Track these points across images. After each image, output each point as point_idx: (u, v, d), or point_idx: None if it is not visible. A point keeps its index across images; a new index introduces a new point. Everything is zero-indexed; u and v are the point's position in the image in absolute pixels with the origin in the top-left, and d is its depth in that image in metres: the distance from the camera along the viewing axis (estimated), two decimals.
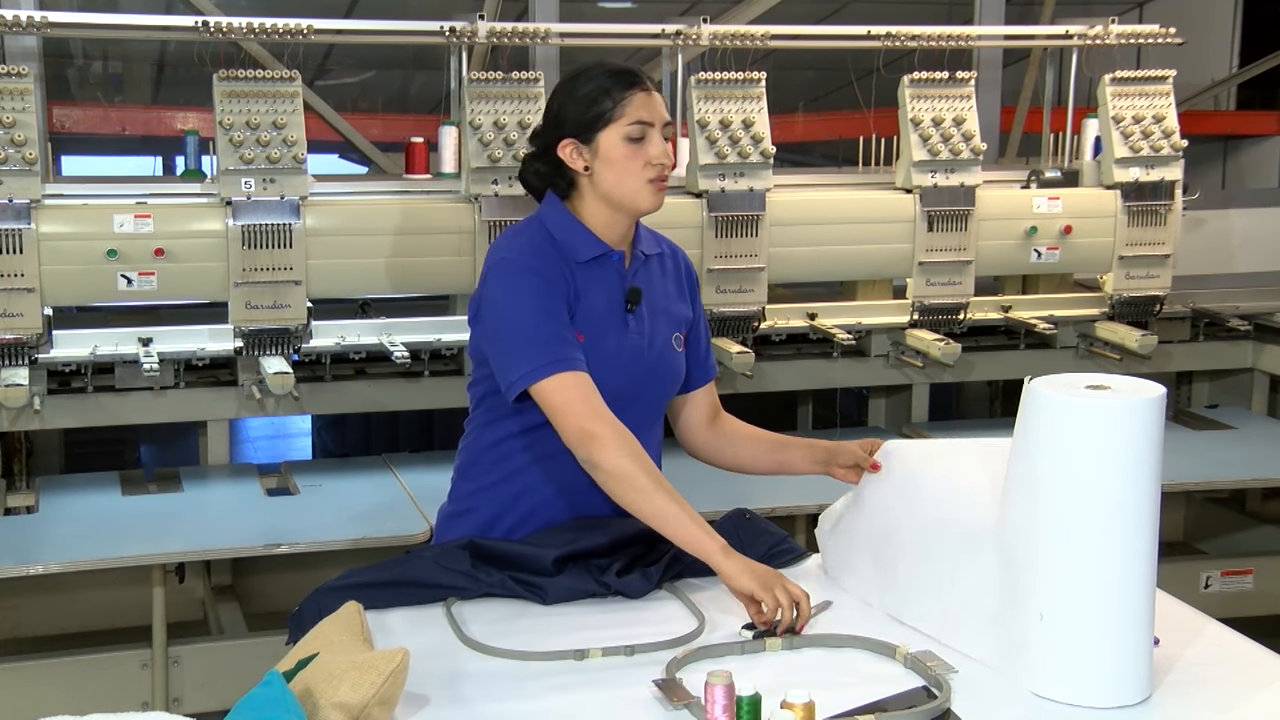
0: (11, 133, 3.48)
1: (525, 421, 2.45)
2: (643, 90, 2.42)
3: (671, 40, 4.18)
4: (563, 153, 2.44)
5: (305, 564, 3.76)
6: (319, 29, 3.90)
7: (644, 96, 2.42)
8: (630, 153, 2.41)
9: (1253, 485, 4.57)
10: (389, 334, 3.85)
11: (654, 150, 2.42)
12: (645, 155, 2.41)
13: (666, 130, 2.47)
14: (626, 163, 2.41)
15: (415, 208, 3.90)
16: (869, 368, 4.40)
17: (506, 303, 2.39)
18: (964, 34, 4.47)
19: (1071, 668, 1.94)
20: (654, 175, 2.42)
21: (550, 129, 2.47)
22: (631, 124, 2.40)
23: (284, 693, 1.72)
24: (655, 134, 2.43)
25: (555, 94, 2.49)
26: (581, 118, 2.42)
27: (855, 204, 4.25)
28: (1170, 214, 4.44)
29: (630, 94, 2.41)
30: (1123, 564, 1.92)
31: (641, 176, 2.42)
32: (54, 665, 3.49)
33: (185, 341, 3.76)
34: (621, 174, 2.42)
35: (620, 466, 2.28)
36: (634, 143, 2.41)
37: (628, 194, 2.43)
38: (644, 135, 2.41)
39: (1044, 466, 1.94)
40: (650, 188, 2.43)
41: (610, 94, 2.41)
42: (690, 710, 1.89)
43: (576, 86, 2.44)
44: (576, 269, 2.44)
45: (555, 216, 2.48)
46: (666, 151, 2.44)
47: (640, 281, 2.50)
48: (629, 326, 2.47)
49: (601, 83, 2.42)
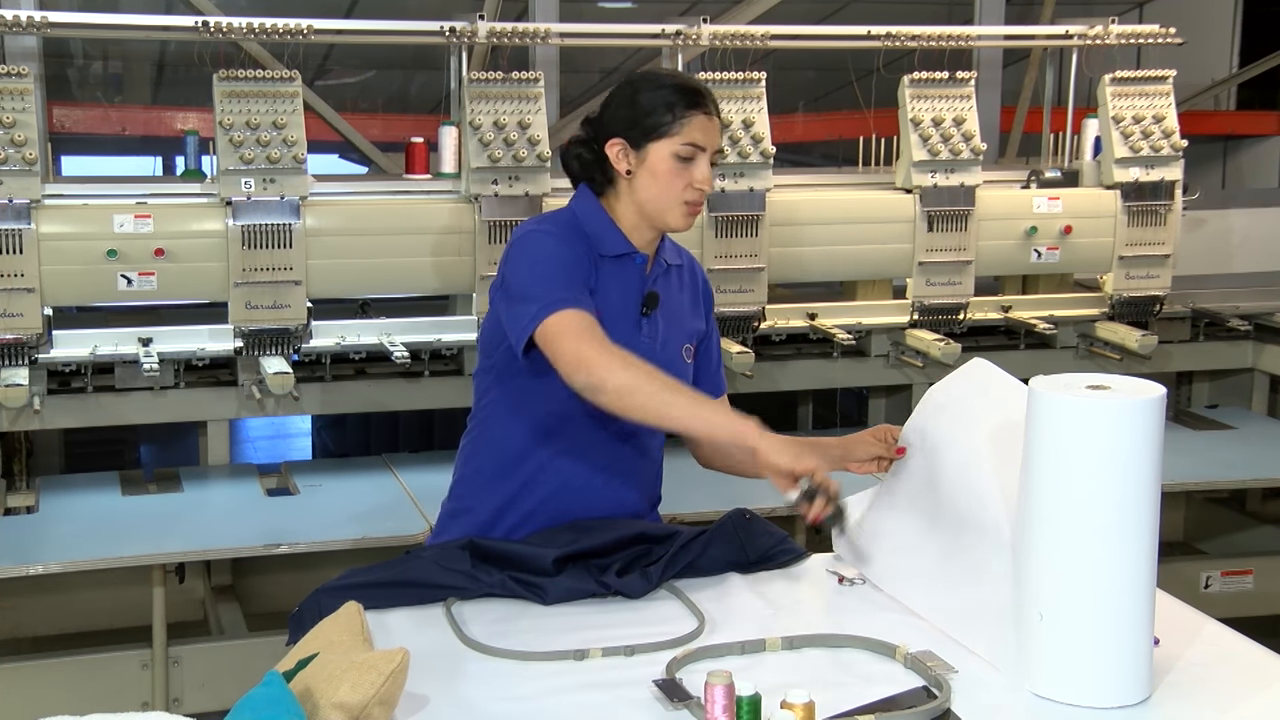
0: (11, 133, 3.48)
1: (530, 418, 2.45)
2: (705, 114, 2.42)
3: (671, 40, 4.18)
4: (610, 150, 2.45)
5: (305, 564, 3.76)
6: (319, 29, 3.90)
7: (704, 120, 2.42)
8: (676, 170, 2.41)
9: (1253, 485, 4.57)
10: (389, 334, 3.85)
11: (698, 174, 2.42)
12: (689, 177, 2.42)
13: (716, 157, 2.47)
14: (670, 179, 2.42)
15: (415, 208, 3.90)
16: (869, 368, 4.40)
17: (525, 263, 2.38)
18: (964, 34, 4.47)
19: (1072, 668, 1.94)
20: (692, 198, 2.43)
21: (604, 123, 2.47)
22: (685, 144, 2.41)
23: (284, 693, 1.72)
24: (704, 159, 2.43)
25: (619, 90, 2.49)
26: (638, 123, 2.42)
27: (855, 204, 4.25)
28: (1170, 214, 4.44)
29: (692, 115, 2.41)
30: (1123, 564, 1.92)
31: (680, 196, 2.43)
32: (54, 665, 3.49)
33: (185, 341, 3.76)
34: (662, 189, 2.42)
35: (622, 381, 2.22)
36: (682, 161, 2.41)
37: (661, 209, 2.44)
38: (693, 157, 2.42)
39: (1045, 466, 1.94)
40: (683, 209, 2.44)
41: (674, 109, 2.40)
42: (690, 710, 1.89)
43: (642, 90, 2.44)
44: (599, 262, 2.44)
45: (587, 209, 2.48)
46: (709, 179, 2.44)
47: (659, 288, 2.51)
48: (641, 330, 2.47)
49: (668, 95, 2.41)
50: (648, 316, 2.48)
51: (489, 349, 2.50)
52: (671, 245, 2.59)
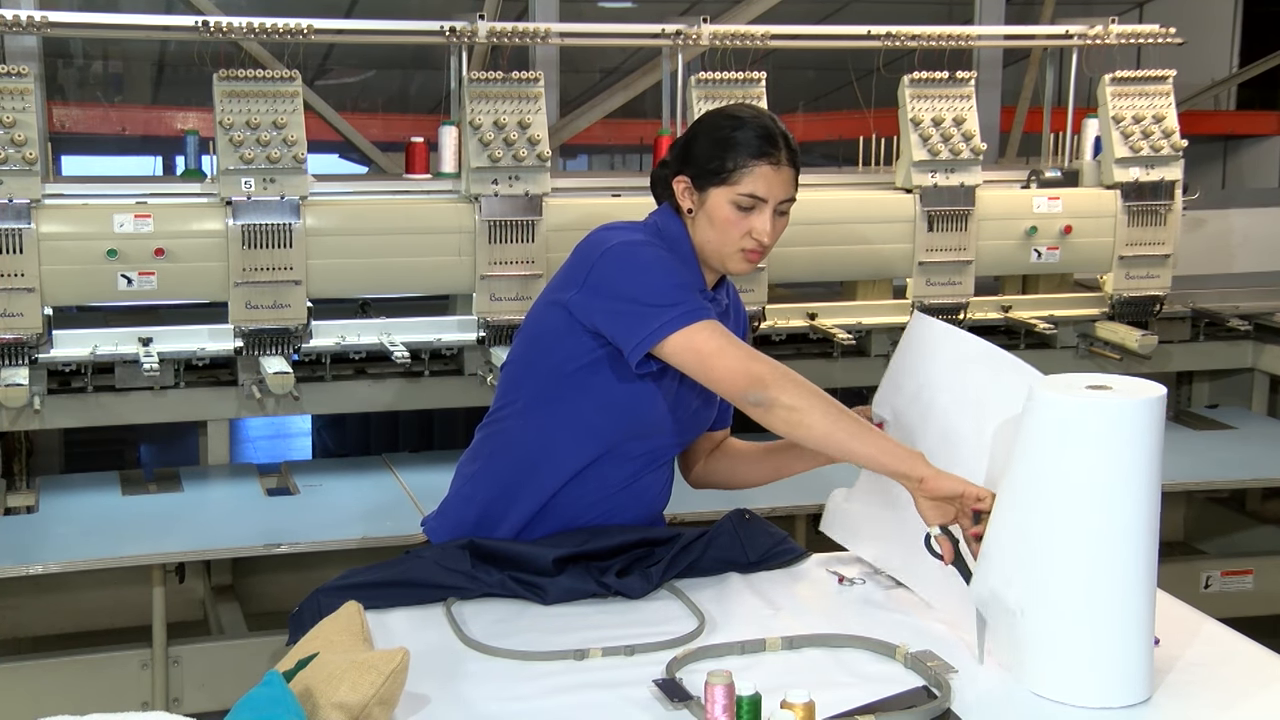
0: (11, 133, 3.48)
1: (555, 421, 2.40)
2: (771, 164, 2.34)
3: (671, 40, 4.18)
4: (676, 186, 2.41)
5: (305, 564, 3.76)
6: (319, 29, 3.89)
7: (769, 171, 2.34)
8: (734, 219, 2.35)
9: (1253, 485, 4.58)
10: (389, 334, 3.85)
11: (757, 224, 2.35)
12: (747, 226, 2.35)
13: (785, 206, 2.38)
14: (727, 226, 2.36)
15: (415, 208, 3.90)
16: (869, 368, 4.40)
17: (636, 269, 2.30)
18: (964, 34, 4.47)
19: (1072, 668, 1.94)
20: (750, 247, 2.37)
21: (678, 156, 2.42)
22: (743, 194, 2.34)
23: (284, 693, 1.72)
24: (767, 210, 2.35)
25: (699, 123, 2.43)
26: (702, 164, 2.37)
27: (855, 204, 4.25)
28: (1170, 214, 4.44)
29: (756, 165, 2.33)
30: (1124, 564, 1.92)
31: (737, 245, 2.37)
32: (54, 665, 3.49)
33: (185, 341, 3.76)
34: (719, 235, 2.37)
35: (794, 400, 2.17)
36: (741, 210, 2.35)
37: (718, 254, 2.39)
38: (753, 207, 2.35)
39: (1046, 466, 1.94)
40: (741, 255, 2.38)
41: (737, 155, 2.34)
42: (690, 710, 1.89)
43: (719, 128, 2.37)
44: None
45: (672, 233, 2.41)
46: (770, 231, 2.35)
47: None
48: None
49: (737, 137, 2.34)
50: None
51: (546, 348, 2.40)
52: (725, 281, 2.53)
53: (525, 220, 3.84)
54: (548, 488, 2.43)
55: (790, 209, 2.41)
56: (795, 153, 2.39)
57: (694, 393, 2.43)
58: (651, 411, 2.39)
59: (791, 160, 2.38)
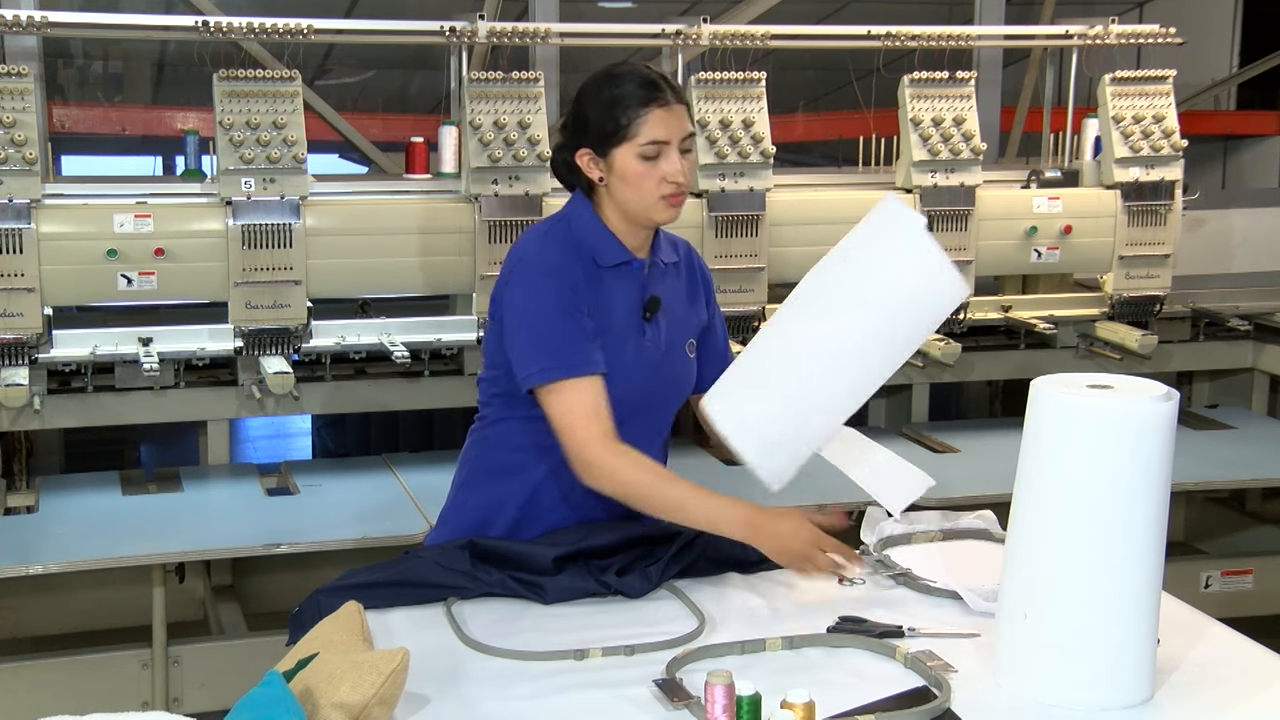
0: (11, 133, 3.48)
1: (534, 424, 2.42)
2: (661, 106, 2.36)
3: (671, 40, 4.18)
4: (580, 161, 2.42)
5: (305, 564, 3.76)
6: (319, 29, 3.89)
7: (661, 113, 2.36)
8: (644, 171, 2.37)
9: (1253, 485, 4.58)
10: (389, 334, 3.85)
11: (667, 168, 2.37)
12: (659, 173, 2.37)
13: (687, 143, 2.40)
14: (640, 180, 2.38)
15: (415, 208, 3.90)
16: None
17: (525, 302, 2.38)
18: (964, 34, 4.47)
19: (1074, 668, 1.94)
20: (668, 192, 2.38)
21: (571, 132, 2.44)
22: (646, 144, 2.36)
23: (284, 693, 1.72)
24: (672, 150, 2.37)
25: (581, 94, 2.45)
26: (598, 130, 2.38)
27: (855, 204, 4.22)
28: (1170, 214, 4.44)
29: (647, 111, 2.35)
30: (1132, 567, 1.91)
31: (655, 193, 2.38)
32: (54, 665, 3.49)
33: (185, 341, 3.76)
34: (635, 191, 2.39)
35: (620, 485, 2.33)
36: (648, 160, 2.37)
37: (641, 209, 2.41)
38: (659, 153, 2.37)
39: (1050, 468, 1.93)
40: (663, 203, 2.40)
41: (628, 110, 2.36)
42: (690, 710, 1.89)
43: (600, 91, 2.40)
44: (600, 274, 2.42)
45: (582, 218, 2.45)
46: (682, 169, 2.38)
47: (659, 290, 2.49)
48: (645, 335, 2.46)
49: (621, 94, 2.36)
50: (650, 321, 2.47)
51: (493, 361, 2.49)
52: (667, 241, 2.56)
53: (525, 220, 3.83)
54: (529, 483, 2.47)
55: (693, 145, 2.44)
56: (679, 90, 2.42)
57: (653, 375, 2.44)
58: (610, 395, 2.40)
59: (679, 97, 2.40)
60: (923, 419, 4.58)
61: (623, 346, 2.41)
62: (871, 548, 2.51)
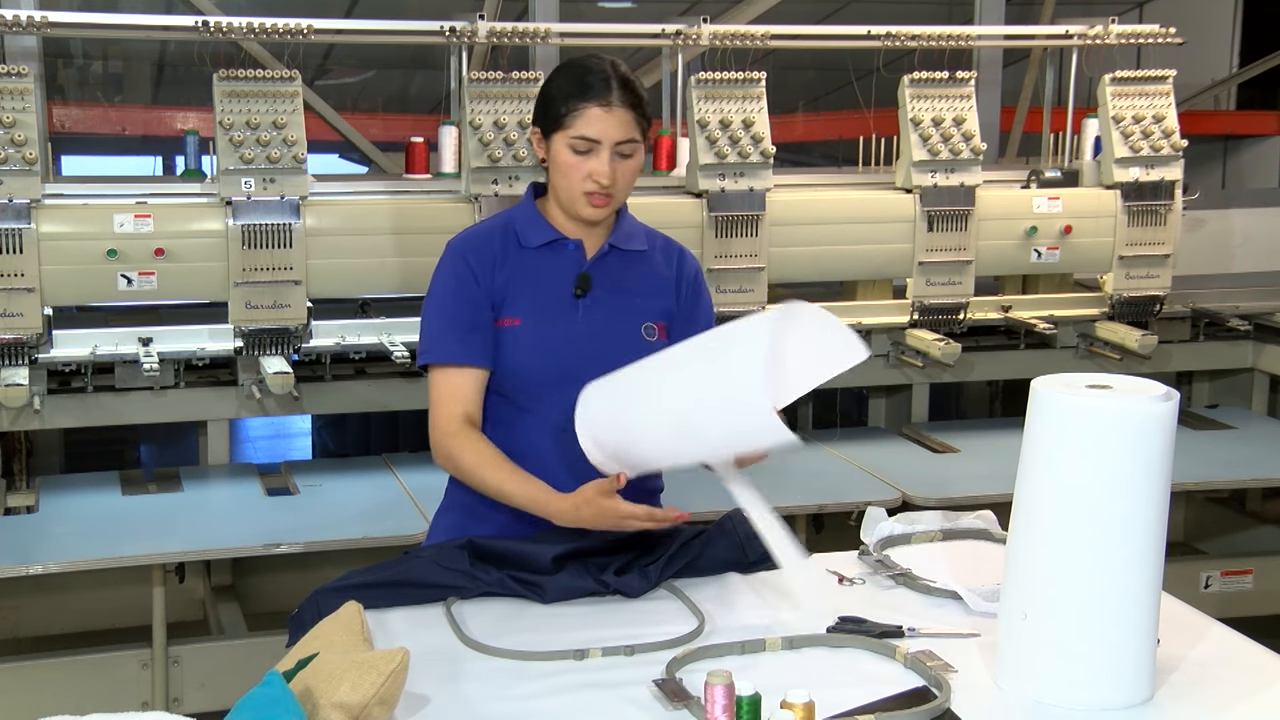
0: (11, 133, 3.48)
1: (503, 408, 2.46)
2: (600, 106, 2.37)
3: (671, 40, 4.18)
4: (532, 139, 2.49)
5: (305, 564, 3.76)
6: (319, 29, 3.89)
7: (599, 113, 2.37)
8: (572, 163, 2.40)
9: (1253, 485, 4.57)
10: (389, 334, 3.85)
11: (594, 167, 2.39)
12: (586, 169, 2.39)
13: (626, 148, 2.40)
14: (568, 170, 2.41)
15: (415, 208, 3.90)
16: (869, 368, 4.36)
17: (430, 286, 2.49)
18: (964, 34, 4.47)
19: (1074, 669, 1.94)
20: (591, 190, 2.40)
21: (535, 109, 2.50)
22: (575, 137, 2.39)
23: (284, 693, 1.72)
24: (602, 151, 2.38)
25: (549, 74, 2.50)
26: (542, 112, 2.45)
27: (855, 204, 4.25)
28: (1170, 214, 4.44)
29: (585, 107, 2.37)
30: (1132, 568, 1.91)
31: (579, 188, 2.41)
32: (54, 665, 3.49)
33: (185, 341, 3.76)
34: (563, 180, 2.43)
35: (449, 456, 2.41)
36: (578, 154, 2.39)
37: (567, 199, 2.45)
38: (589, 150, 2.39)
39: (1059, 468, 1.93)
40: (585, 199, 2.42)
41: (568, 100, 2.39)
42: (690, 710, 1.89)
43: (556, 75, 2.45)
44: (523, 254, 2.46)
45: (523, 202, 2.53)
46: (607, 173, 2.38)
47: (603, 271, 2.49)
48: (578, 312, 2.47)
49: (566, 84, 2.40)
50: (582, 297, 2.47)
51: None
52: (640, 231, 2.56)
53: None
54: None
55: (637, 152, 2.42)
56: (635, 95, 2.40)
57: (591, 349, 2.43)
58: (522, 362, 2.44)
59: (628, 101, 2.39)
60: (923, 419, 4.58)
61: (550, 322, 2.44)
62: (871, 548, 2.51)
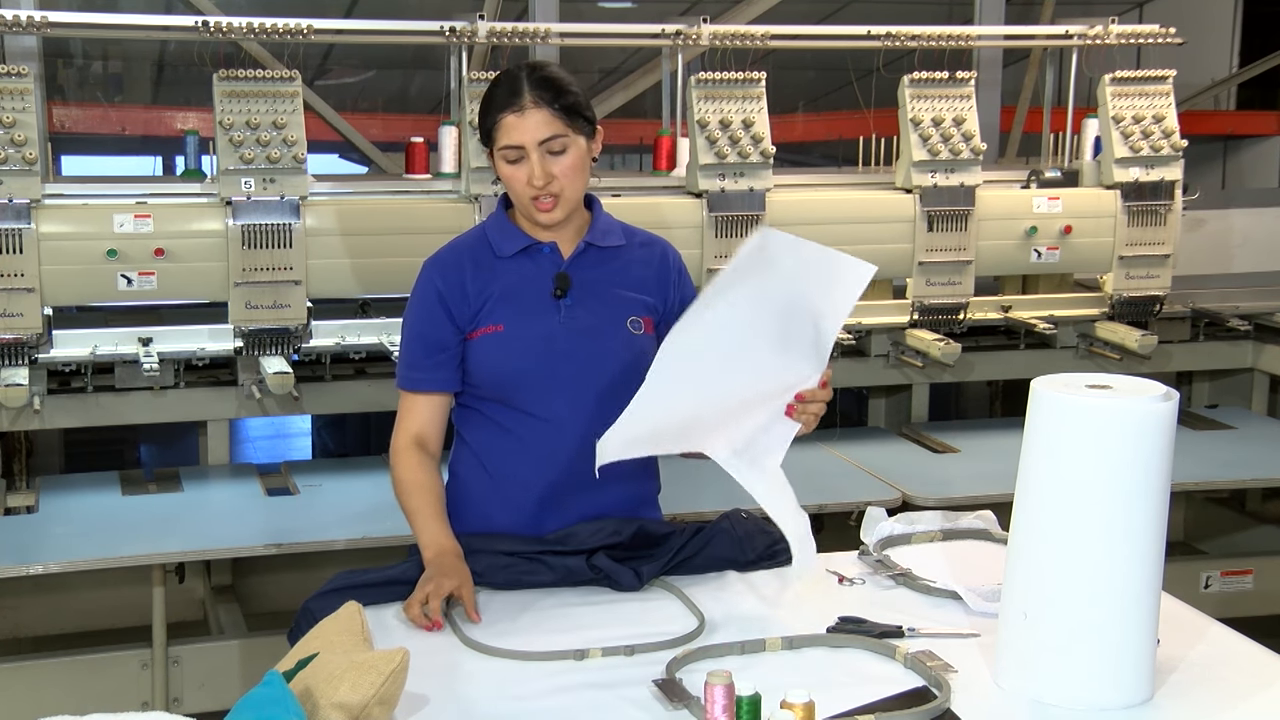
0: (11, 133, 3.48)
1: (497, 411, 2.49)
2: (513, 112, 2.35)
3: (671, 40, 4.18)
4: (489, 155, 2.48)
5: (305, 564, 3.76)
6: (319, 29, 3.89)
7: (513, 119, 2.36)
8: (511, 174, 2.41)
9: (1253, 485, 4.57)
10: (389, 334, 3.86)
11: (525, 173, 2.38)
12: (523, 176, 2.38)
13: (555, 144, 2.37)
14: (510, 183, 2.43)
15: (415, 208, 3.90)
16: (869, 368, 4.40)
17: (408, 306, 2.54)
18: (964, 34, 4.47)
19: (1074, 669, 1.94)
20: (532, 194, 2.39)
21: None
22: (503, 149, 2.39)
23: (284, 693, 1.72)
24: (532, 155, 2.36)
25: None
26: (480, 133, 2.45)
27: (855, 204, 4.25)
28: (1170, 214, 4.44)
29: (501, 117, 2.37)
30: (1132, 568, 1.91)
31: (525, 195, 2.41)
32: (54, 665, 3.49)
33: (185, 341, 3.76)
34: (510, 191, 2.45)
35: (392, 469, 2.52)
36: (510, 164, 2.39)
37: (521, 207, 2.46)
38: (519, 158, 2.38)
39: (1059, 468, 1.93)
40: (534, 205, 2.41)
41: (489, 114, 2.40)
42: (690, 710, 1.89)
43: (485, 92, 2.44)
44: (499, 264, 2.47)
45: (494, 213, 2.54)
46: (540, 174, 2.37)
47: (581, 269, 2.49)
48: (559, 312, 2.46)
49: (487, 98, 2.42)
50: (562, 298, 2.46)
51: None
52: (616, 228, 2.55)
53: None
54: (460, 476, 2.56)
55: (570, 147, 2.39)
56: (554, 90, 2.37)
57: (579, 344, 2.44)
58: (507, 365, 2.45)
59: (543, 100, 2.36)
60: (923, 419, 4.59)
61: (530, 324, 2.45)
62: (871, 548, 2.51)
